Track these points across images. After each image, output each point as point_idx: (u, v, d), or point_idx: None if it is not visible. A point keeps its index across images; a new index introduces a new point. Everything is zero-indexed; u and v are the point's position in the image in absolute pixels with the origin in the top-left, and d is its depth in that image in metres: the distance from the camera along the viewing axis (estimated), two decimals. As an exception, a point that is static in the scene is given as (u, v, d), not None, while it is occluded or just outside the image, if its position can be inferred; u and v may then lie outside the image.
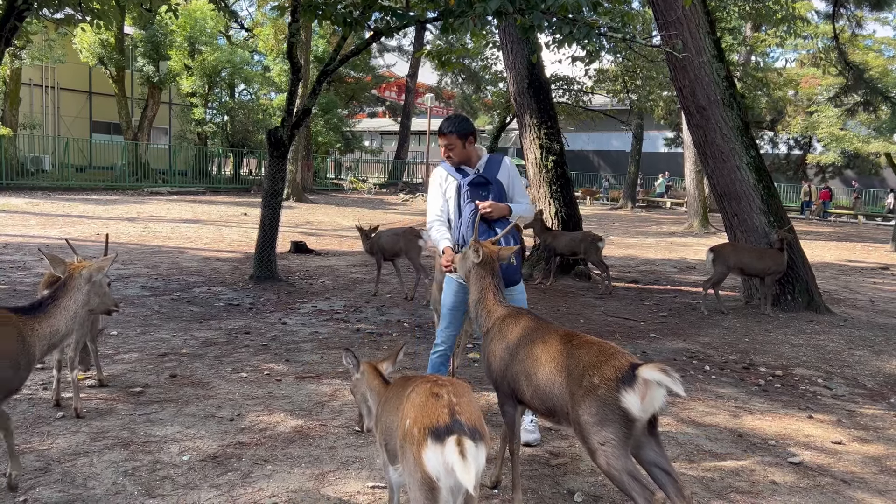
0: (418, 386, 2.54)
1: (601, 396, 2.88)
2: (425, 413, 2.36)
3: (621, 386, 2.84)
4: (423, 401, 2.42)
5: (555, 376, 3.13)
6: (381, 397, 2.92)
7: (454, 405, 2.37)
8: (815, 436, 4.78)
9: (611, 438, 2.85)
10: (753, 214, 9.63)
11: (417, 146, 50.13)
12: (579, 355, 3.07)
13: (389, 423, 2.67)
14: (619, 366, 2.91)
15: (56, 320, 3.25)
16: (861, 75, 10.83)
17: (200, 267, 11.02)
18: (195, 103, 31.04)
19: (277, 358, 6.07)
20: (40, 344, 3.20)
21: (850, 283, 13.46)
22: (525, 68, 11.51)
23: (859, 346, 7.74)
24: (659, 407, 2.86)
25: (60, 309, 3.28)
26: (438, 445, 2.27)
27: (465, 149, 4.40)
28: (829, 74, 21.08)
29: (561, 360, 3.13)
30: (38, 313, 3.22)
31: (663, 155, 41.81)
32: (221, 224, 17.55)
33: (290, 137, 9.73)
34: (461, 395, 2.45)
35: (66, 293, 3.32)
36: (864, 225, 30.85)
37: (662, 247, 18.65)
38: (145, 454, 3.86)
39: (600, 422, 2.88)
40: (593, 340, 3.16)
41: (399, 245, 9.40)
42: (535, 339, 3.34)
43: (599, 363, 2.96)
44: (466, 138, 4.38)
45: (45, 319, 3.22)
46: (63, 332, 3.31)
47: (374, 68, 40.82)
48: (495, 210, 4.27)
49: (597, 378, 2.91)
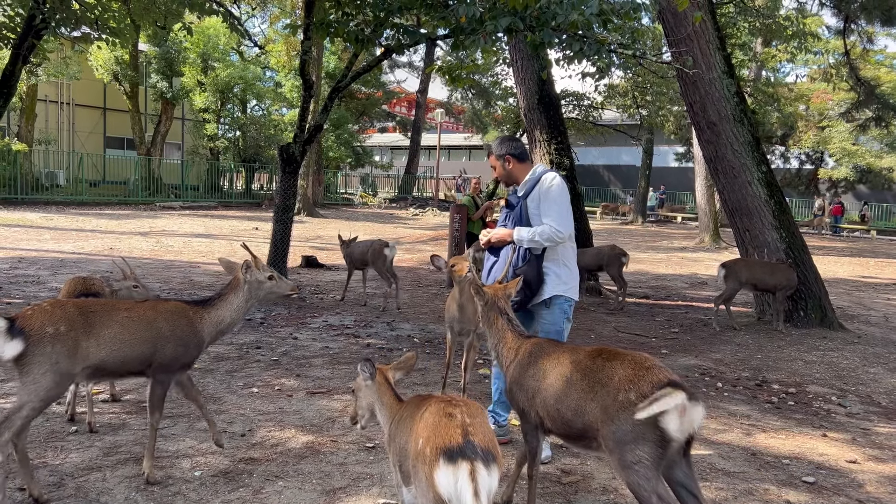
0: (432, 406, 2.53)
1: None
2: (438, 433, 2.35)
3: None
4: (436, 421, 2.41)
5: (587, 392, 3.02)
6: (394, 415, 2.91)
7: (467, 426, 2.36)
8: (830, 454, 4.74)
9: (644, 458, 2.77)
10: (765, 230, 9.60)
11: (427, 161, 50.28)
12: (613, 368, 2.96)
13: (403, 443, 2.66)
14: (657, 381, 2.80)
15: (222, 311, 3.93)
16: (873, 91, 10.81)
17: (212, 282, 11.07)
18: (208, 119, 31.32)
19: (288, 373, 6.08)
20: (208, 329, 3.89)
21: (863, 298, 13.35)
22: (535, 84, 11.56)
23: (874, 364, 7.67)
24: (697, 427, 2.79)
25: (226, 302, 3.96)
26: (451, 466, 2.26)
27: (506, 169, 4.45)
28: (840, 90, 21.07)
29: (593, 375, 3.03)
30: (207, 305, 3.93)
31: (673, 170, 41.75)
32: (233, 238, 17.65)
33: (302, 153, 9.80)
34: (475, 416, 2.44)
35: (231, 290, 4.00)
36: (877, 240, 30.64)
37: (673, 262, 18.57)
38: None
39: (635, 440, 2.78)
40: (625, 352, 3.07)
41: (367, 255, 9.70)
42: (563, 361, 3.25)
43: (637, 377, 2.85)
44: (503, 159, 4.43)
45: (213, 310, 3.91)
46: (228, 322, 3.98)
47: (385, 84, 41.10)
48: (495, 240, 4.30)
49: (633, 394, 2.81)
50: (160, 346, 3.67)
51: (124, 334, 3.57)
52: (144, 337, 3.63)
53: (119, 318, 3.59)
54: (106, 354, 3.49)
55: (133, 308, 3.72)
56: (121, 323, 3.58)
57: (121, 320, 3.59)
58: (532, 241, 4.18)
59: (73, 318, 3.41)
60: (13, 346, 3.19)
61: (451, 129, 51.69)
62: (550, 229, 4.15)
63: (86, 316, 3.48)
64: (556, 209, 4.20)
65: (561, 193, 4.25)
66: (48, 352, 3.26)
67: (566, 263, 4.35)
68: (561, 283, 4.30)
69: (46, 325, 3.29)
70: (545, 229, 4.16)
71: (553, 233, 4.15)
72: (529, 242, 4.18)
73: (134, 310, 3.70)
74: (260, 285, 4.06)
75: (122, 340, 3.55)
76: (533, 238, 4.18)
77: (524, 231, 4.21)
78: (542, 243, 4.20)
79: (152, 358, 3.66)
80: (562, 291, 4.30)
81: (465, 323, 5.25)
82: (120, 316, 3.60)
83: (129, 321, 3.61)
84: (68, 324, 3.36)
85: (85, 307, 3.56)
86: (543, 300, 4.30)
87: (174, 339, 3.71)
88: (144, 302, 3.88)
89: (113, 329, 3.54)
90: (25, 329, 3.24)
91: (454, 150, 58.23)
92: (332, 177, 38.56)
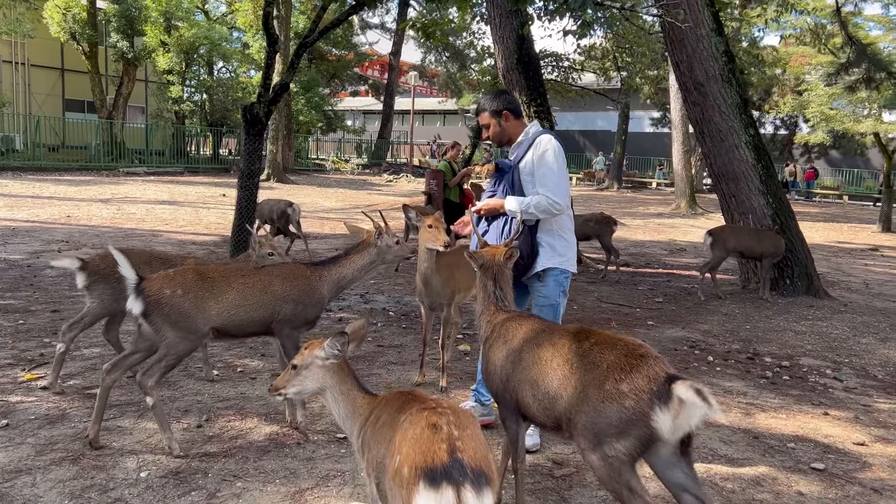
0: (414, 414, 2.09)
1: (628, 407, 2.48)
2: (419, 449, 1.92)
3: (655, 402, 2.43)
4: (418, 433, 1.98)
5: (568, 379, 2.71)
6: (363, 412, 2.47)
7: (454, 439, 1.94)
8: (835, 436, 4.43)
9: (622, 453, 2.51)
10: (752, 195, 9.27)
11: (401, 126, 49.31)
12: (601, 353, 2.66)
13: (381, 457, 2.21)
14: (653, 375, 2.50)
15: (344, 270, 4.14)
16: (864, 50, 10.46)
17: (175, 251, 10.46)
18: (172, 81, 30.12)
19: (252, 352, 5.62)
20: (328, 287, 4.09)
21: (841, 265, 13.22)
22: (514, 43, 10.99)
23: (864, 334, 7.43)
24: (694, 426, 2.45)
25: (350, 261, 4.16)
26: (432, 491, 1.84)
27: (502, 127, 3.99)
28: (822, 53, 20.76)
29: (576, 361, 2.71)
30: (327, 264, 4.15)
31: (649, 135, 41.43)
32: (199, 206, 16.95)
33: (268, 114, 9.18)
34: (464, 427, 2.01)
35: (358, 252, 4.18)
36: (848, 205, 30.75)
37: (651, 228, 18.33)
38: (98, 470, 3.41)
39: (618, 434, 2.50)
40: (615, 337, 2.75)
41: (273, 214, 10.67)
42: (543, 342, 2.90)
43: (629, 367, 2.55)
44: (501, 115, 3.97)
45: (336, 268, 4.12)
46: (350, 279, 4.19)
47: (357, 46, 39.87)
48: (485, 210, 3.87)
49: (625, 385, 2.51)
50: (278, 307, 3.88)
51: (241, 298, 3.81)
52: (262, 300, 3.86)
53: (237, 283, 3.84)
54: (227, 317, 3.76)
55: (250, 274, 3.99)
56: (237, 289, 3.82)
57: (237, 286, 3.83)
58: (526, 212, 3.73)
59: (191, 283, 3.69)
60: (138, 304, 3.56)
61: (424, 92, 50.61)
62: (546, 200, 3.72)
63: (205, 280, 3.74)
64: (553, 177, 3.76)
65: (557, 159, 3.81)
66: (167, 312, 3.57)
67: (562, 234, 3.95)
68: (556, 255, 3.91)
69: (165, 287, 3.60)
70: (541, 200, 3.72)
71: (550, 204, 3.72)
72: (523, 214, 3.70)
73: (251, 275, 3.96)
74: (389, 249, 4.23)
75: (240, 304, 3.80)
76: (527, 210, 3.73)
77: (516, 201, 3.76)
78: (536, 215, 3.78)
79: (272, 318, 3.88)
80: (557, 264, 3.91)
81: (433, 296, 4.81)
82: (237, 281, 3.85)
83: (245, 286, 3.86)
84: (185, 288, 3.65)
85: (205, 273, 3.84)
86: (536, 273, 3.91)
87: (292, 299, 3.92)
88: (263, 267, 4.16)
89: (231, 294, 3.79)
90: (146, 290, 3.58)
91: (428, 115, 57.23)
92: (302, 142, 37.59)
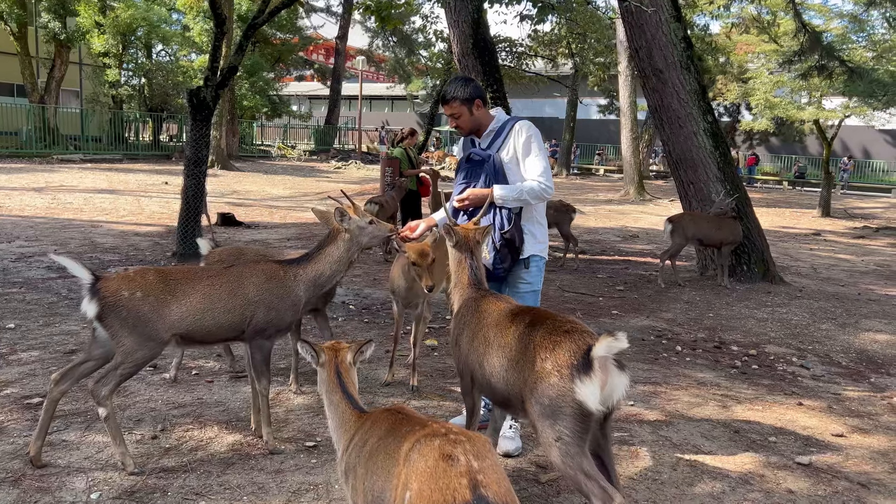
0: (421, 442, 1.85)
1: (554, 385, 2.54)
2: (436, 486, 1.69)
3: (576, 374, 2.49)
4: (432, 466, 1.74)
5: (506, 360, 2.79)
6: (352, 430, 2.22)
7: (475, 473, 1.70)
8: (813, 427, 4.38)
9: (566, 434, 2.53)
10: (710, 182, 9.28)
11: (348, 111, 48.55)
12: (532, 334, 2.70)
13: (379, 490, 1.96)
14: (575, 349, 2.54)
15: (320, 265, 3.71)
16: (818, 38, 10.60)
17: (117, 243, 9.95)
18: (108, 64, 28.85)
19: (207, 353, 5.28)
20: (305, 287, 3.68)
21: (788, 249, 13.47)
22: (469, 27, 10.77)
23: (823, 320, 7.50)
24: (618, 399, 2.50)
25: (325, 255, 3.73)
26: None
27: (474, 115, 3.76)
28: (765, 42, 21.14)
29: (513, 342, 2.77)
30: (302, 262, 3.72)
31: (595, 122, 41.80)
32: (140, 194, 16.23)
33: (215, 99, 8.74)
34: (483, 457, 1.78)
35: (330, 242, 3.74)
36: (788, 191, 31.64)
37: (602, 215, 18.41)
38: (42, 493, 3.07)
39: (553, 414, 2.55)
40: (548, 315, 2.80)
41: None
42: (489, 321, 2.97)
43: (553, 344, 2.60)
44: (473, 103, 3.73)
45: (310, 266, 3.71)
46: (329, 275, 3.75)
47: (302, 29, 38.93)
48: (472, 200, 3.65)
49: (549, 363, 2.57)
50: (249, 312, 3.54)
51: (207, 302, 3.48)
52: (232, 304, 3.52)
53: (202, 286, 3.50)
54: (191, 323, 3.44)
55: (217, 275, 3.62)
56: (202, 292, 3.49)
57: (203, 288, 3.50)
58: (519, 199, 3.61)
59: (152, 284, 3.38)
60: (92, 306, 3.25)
61: (372, 78, 49.90)
62: (539, 186, 3.59)
63: (168, 282, 3.42)
64: (542, 162, 3.65)
65: (540, 143, 3.73)
66: (124, 316, 3.26)
67: (540, 221, 3.88)
68: (537, 242, 3.84)
69: (123, 289, 3.29)
70: (533, 186, 3.59)
71: (542, 189, 3.60)
72: (515, 202, 3.60)
73: (218, 277, 3.60)
74: (363, 231, 3.77)
75: (206, 309, 3.46)
76: (520, 197, 3.60)
77: (506, 189, 3.61)
78: (529, 202, 3.65)
79: (243, 324, 3.56)
80: (538, 251, 3.84)
81: (414, 296, 4.59)
82: (202, 284, 3.51)
83: (212, 289, 3.52)
84: (145, 290, 3.34)
85: (168, 273, 3.53)
86: (522, 260, 3.79)
87: (264, 304, 3.56)
88: (230, 268, 3.76)
89: (196, 297, 3.46)
90: (102, 290, 3.26)
91: (376, 101, 56.52)
92: (247, 128, 36.63)
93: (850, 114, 20.49)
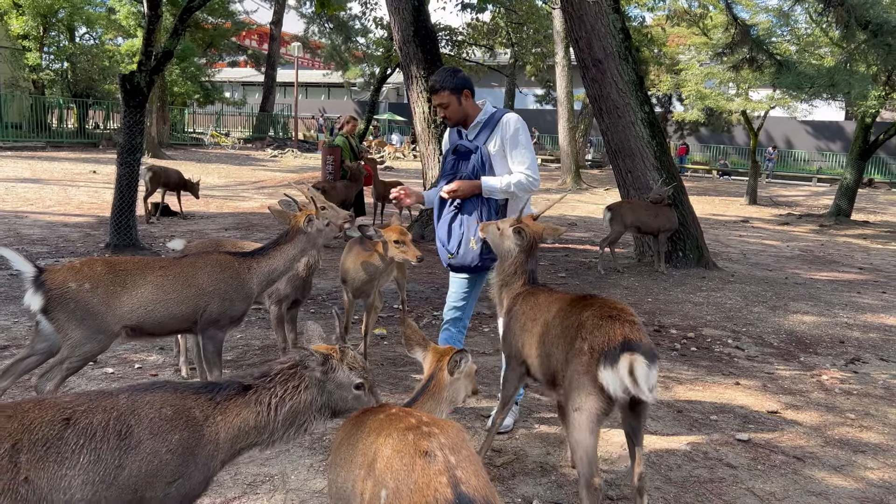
0: (389, 429, 1.78)
1: (584, 363, 2.73)
2: (416, 487, 1.61)
3: (602, 361, 2.65)
4: (407, 463, 1.67)
5: (557, 338, 2.97)
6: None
7: (453, 469, 1.63)
8: (749, 405, 4.58)
9: (584, 407, 2.72)
10: (647, 171, 9.53)
11: (284, 98, 47.62)
12: (581, 313, 2.88)
13: (343, 481, 1.88)
14: (611, 337, 2.69)
15: (275, 261, 3.74)
16: (748, 31, 11.00)
17: (45, 234, 9.54)
18: (28, 47, 27.45)
19: (149, 345, 5.13)
20: (258, 280, 3.71)
21: (718, 236, 13.99)
22: (411, 14, 10.70)
23: (755, 303, 7.83)
24: (646, 389, 2.59)
25: (281, 252, 3.76)
26: None
27: (462, 105, 3.76)
28: (696, 35, 21.78)
29: (567, 320, 2.95)
30: (257, 255, 3.73)
31: (532, 112, 42.24)
32: (67, 184, 15.55)
33: (150, 84, 8.46)
34: (458, 449, 1.71)
35: (289, 241, 3.78)
36: (717, 180, 32.77)
37: (539, 204, 18.59)
38: None
39: (578, 387, 2.75)
40: (603, 300, 2.96)
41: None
42: (552, 305, 3.14)
43: (594, 326, 2.77)
44: (461, 92, 3.73)
45: (264, 260, 3.72)
46: (282, 271, 3.81)
47: (234, 14, 37.93)
48: (461, 191, 3.67)
49: (587, 343, 2.75)
50: (203, 303, 3.50)
51: (159, 293, 3.41)
52: (185, 295, 3.47)
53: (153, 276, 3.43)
54: (143, 314, 3.36)
55: (169, 265, 3.56)
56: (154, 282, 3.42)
57: (155, 279, 3.43)
58: (506, 192, 3.68)
59: (101, 275, 3.29)
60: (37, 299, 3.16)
61: (308, 64, 49.13)
62: (527, 178, 3.66)
63: (117, 273, 3.34)
64: (529, 155, 3.72)
65: (528, 136, 3.79)
66: (72, 308, 3.18)
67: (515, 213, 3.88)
68: None
69: (70, 281, 3.19)
70: (521, 179, 3.66)
71: (530, 182, 3.67)
72: (502, 194, 3.67)
73: (170, 267, 3.54)
74: (320, 234, 3.86)
75: (158, 300, 3.39)
76: (507, 189, 3.67)
77: (494, 181, 3.68)
78: (516, 194, 3.72)
79: (195, 315, 3.51)
80: None
81: (366, 286, 4.58)
82: (154, 274, 3.44)
83: (164, 279, 3.46)
84: (94, 282, 3.25)
85: (117, 264, 3.42)
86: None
87: (218, 294, 3.54)
88: (182, 258, 3.73)
89: (147, 288, 3.38)
90: (47, 283, 3.17)
91: (312, 88, 55.65)
92: (178, 115, 35.51)
93: (775, 105, 21.35)
